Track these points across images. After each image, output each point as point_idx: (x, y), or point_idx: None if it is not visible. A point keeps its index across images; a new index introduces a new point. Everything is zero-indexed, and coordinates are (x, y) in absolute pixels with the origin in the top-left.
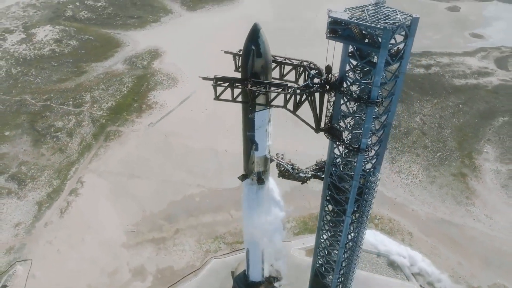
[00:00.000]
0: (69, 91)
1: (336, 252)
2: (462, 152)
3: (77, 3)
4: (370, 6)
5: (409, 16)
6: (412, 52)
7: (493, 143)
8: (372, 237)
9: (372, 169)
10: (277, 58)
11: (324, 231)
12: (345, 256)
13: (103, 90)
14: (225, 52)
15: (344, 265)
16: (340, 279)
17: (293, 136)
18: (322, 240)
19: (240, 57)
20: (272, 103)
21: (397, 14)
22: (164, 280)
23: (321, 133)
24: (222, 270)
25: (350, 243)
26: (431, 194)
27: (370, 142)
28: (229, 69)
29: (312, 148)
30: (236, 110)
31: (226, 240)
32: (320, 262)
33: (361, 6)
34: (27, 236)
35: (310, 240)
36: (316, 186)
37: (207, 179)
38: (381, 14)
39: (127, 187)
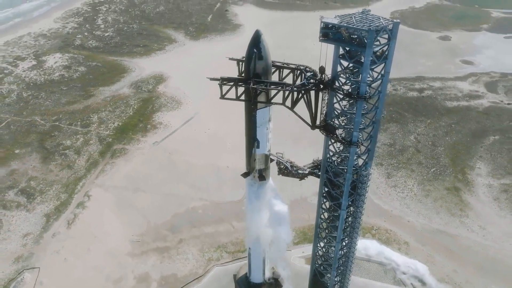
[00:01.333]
0: (77, 113)
1: (333, 249)
2: (455, 168)
3: (86, 33)
4: (357, 14)
5: (391, 21)
6: (406, 77)
7: (485, 160)
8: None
9: (364, 164)
10: (276, 63)
11: (322, 230)
12: (342, 253)
13: (110, 111)
14: (230, 59)
15: (341, 262)
16: (337, 278)
17: (292, 153)
18: (320, 238)
19: (243, 63)
20: (272, 101)
21: (381, 20)
22: (168, 287)
23: (319, 149)
24: (224, 277)
25: (346, 239)
26: (426, 207)
27: (361, 136)
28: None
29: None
30: (237, 131)
31: (228, 249)
32: (319, 262)
33: (349, 14)
34: (35, 245)
35: (309, 249)
36: (315, 199)
37: (209, 193)
38: (366, 20)
39: (132, 200)
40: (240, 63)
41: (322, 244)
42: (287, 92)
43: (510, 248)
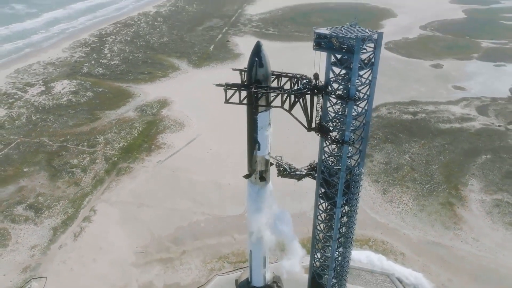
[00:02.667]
0: (84, 134)
1: (330, 248)
2: (449, 185)
3: (93, 62)
4: (346, 26)
5: (376, 32)
6: (400, 101)
7: (477, 177)
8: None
9: (356, 165)
10: (276, 72)
11: (319, 231)
12: (339, 253)
13: (116, 133)
14: (233, 69)
15: (338, 262)
16: (334, 279)
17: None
18: (317, 240)
19: (245, 72)
20: (272, 104)
21: (366, 31)
22: None
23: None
24: (226, 285)
25: (342, 238)
26: (421, 220)
27: (353, 137)
28: (229, 114)
29: (308, 181)
30: (238, 151)
31: (230, 260)
32: (317, 264)
33: (339, 26)
34: (42, 256)
35: (307, 260)
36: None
37: (211, 208)
38: (354, 31)
39: (137, 214)
40: (243, 72)
41: (320, 246)
42: (285, 96)
43: (503, 258)
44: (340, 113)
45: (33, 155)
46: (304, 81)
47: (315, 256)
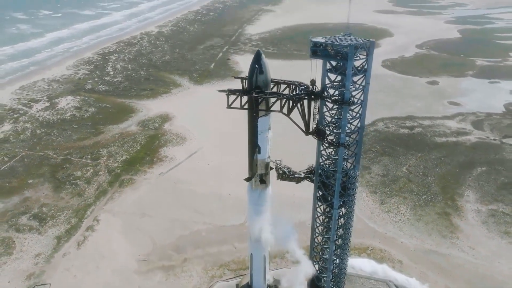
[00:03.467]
0: (88, 148)
1: (328, 250)
2: (445, 196)
3: (96, 79)
4: (340, 35)
5: (368, 40)
6: (397, 116)
7: (473, 188)
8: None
9: (352, 167)
10: (275, 79)
11: (317, 234)
12: (336, 254)
13: (118, 146)
14: (235, 77)
15: (336, 264)
16: (332, 281)
17: (291, 182)
18: (316, 243)
19: (246, 80)
20: (271, 109)
21: (359, 39)
22: None
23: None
24: None
25: (340, 240)
26: (418, 230)
27: (348, 140)
28: (229, 129)
29: (306, 192)
30: (238, 163)
31: (231, 267)
32: (316, 267)
33: (334, 36)
34: (46, 264)
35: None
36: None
37: (212, 218)
38: (347, 39)
39: (139, 224)
40: (244, 80)
41: (318, 248)
42: (284, 101)
43: (499, 266)
44: (336, 117)
45: (38, 168)
46: (302, 87)
47: (314, 259)
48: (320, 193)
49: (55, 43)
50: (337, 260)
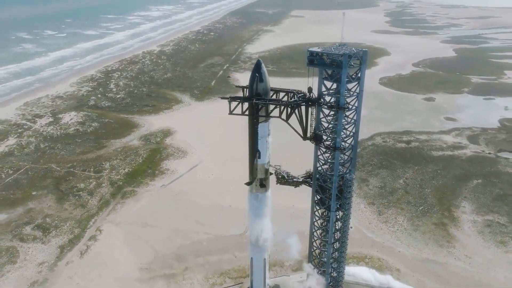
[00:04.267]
0: (90, 161)
1: (326, 253)
2: (441, 207)
3: (99, 95)
4: (336, 45)
5: (361, 50)
6: (394, 131)
7: (469, 200)
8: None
9: (348, 171)
10: (274, 88)
11: (316, 238)
12: (334, 257)
13: (121, 160)
14: (237, 86)
15: (334, 267)
16: (331, 285)
17: (290, 194)
18: (315, 247)
19: (247, 88)
20: (271, 115)
21: (353, 49)
22: None
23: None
24: None
25: (337, 243)
26: (416, 239)
27: (344, 144)
28: (229, 143)
29: (305, 203)
30: (238, 176)
31: (231, 275)
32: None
33: (329, 46)
34: (49, 272)
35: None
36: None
37: (213, 228)
38: (342, 49)
39: (141, 234)
40: (245, 89)
41: (316, 252)
42: (282, 107)
43: (495, 274)
44: (332, 122)
45: (41, 180)
46: (299, 94)
47: (313, 262)
48: (318, 197)
49: (59, 61)
50: (335, 264)
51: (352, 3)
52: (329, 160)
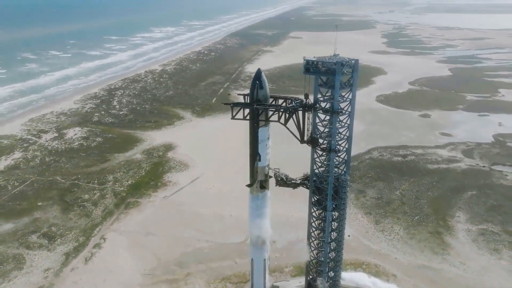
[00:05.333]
0: (94, 173)
1: (324, 252)
2: (437, 216)
3: (103, 112)
4: (329, 56)
5: (353, 59)
6: (391, 146)
7: (463, 210)
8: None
9: (343, 173)
10: (273, 95)
11: (313, 238)
12: (331, 257)
13: (124, 172)
14: (239, 94)
15: (330, 266)
16: (329, 281)
17: (289, 204)
18: (313, 247)
19: (248, 96)
20: (270, 119)
21: (345, 58)
22: None
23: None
24: None
25: (334, 243)
26: (411, 247)
27: (338, 147)
28: (229, 158)
29: (303, 213)
30: (238, 188)
31: (232, 281)
32: (313, 271)
33: (324, 56)
34: (55, 278)
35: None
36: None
37: (214, 236)
38: (335, 58)
39: (144, 242)
40: (246, 96)
41: (315, 253)
42: (281, 112)
43: (488, 280)
44: (327, 126)
45: (47, 191)
46: (297, 101)
47: (311, 263)
48: (315, 198)
49: (63, 80)
50: (332, 263)
51: (349, 25)
52: (325, 162)
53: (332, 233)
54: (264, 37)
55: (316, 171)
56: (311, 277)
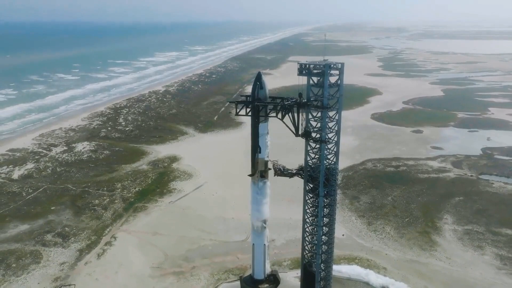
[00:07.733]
0: (103, 182)
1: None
2: (426, 219)
3: (109, 128)
4: (320, 61)
5: (340, 63)
6: (384, 157)
7: (451, 213)
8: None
9: (332, 163)
10: (272, 96)
11: (308, 224)
12: (324, 240)
13: (131, 181)
14: (241, 95)
15: (324, 249)
16: (322, 265)
17: (288, 209)
18: (307, 233)
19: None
20: (269, 115)
21: (333, 62)
22: None
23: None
24: None
25: (326, 227)
26: (401, 244)
27: (327, 138)
28: (230, 168)
29: (300, 216)
30: (240, 195)
31: (235, 273)
32: (308, 255)
33: (315, 61)
34: (70, 270)
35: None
36: None
37: (217, 235)
38: (325, 62)
39: (152, 240)
40: (248, 97)
41: (309, 238)
42: (278, 108)
43: (472, 272)
44: (319, 121)
45: (59, 197)
46: (292, 99)
47: (306, 247)
48: (309, 186)
49: (69, 100)
50: (325, 247)
51: (346, 50)
52: (318, 153)
53: (324, 219)
54: (263, 61)
55: (310, 162)
56: (306, 261)
